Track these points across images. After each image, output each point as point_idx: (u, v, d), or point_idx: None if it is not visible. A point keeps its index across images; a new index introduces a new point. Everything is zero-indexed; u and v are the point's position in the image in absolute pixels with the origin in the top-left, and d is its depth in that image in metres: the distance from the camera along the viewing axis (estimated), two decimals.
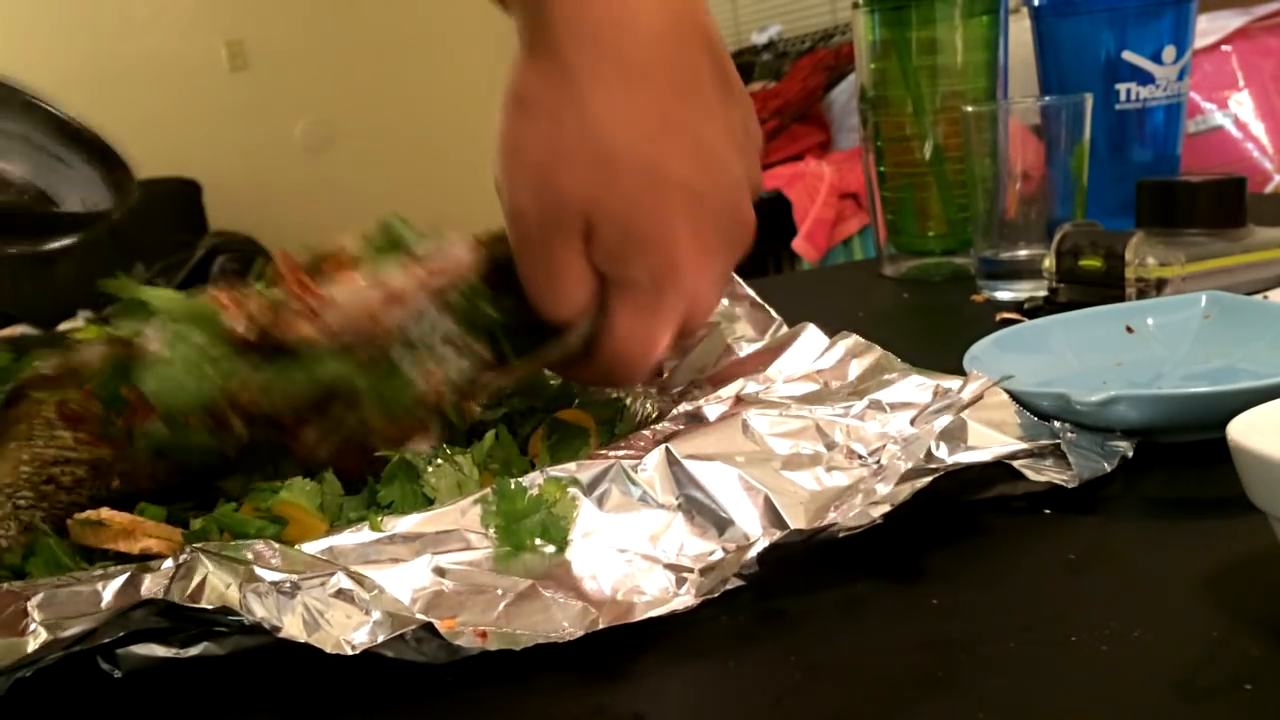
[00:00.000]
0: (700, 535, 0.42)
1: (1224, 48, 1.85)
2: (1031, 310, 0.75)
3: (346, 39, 4.39)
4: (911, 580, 0.41)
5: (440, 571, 0.40)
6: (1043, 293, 0.78)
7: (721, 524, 0.42)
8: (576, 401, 0.56)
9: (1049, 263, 0.76)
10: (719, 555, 0.41)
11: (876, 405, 0.49)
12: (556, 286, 0.49)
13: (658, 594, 0.39)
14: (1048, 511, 0.45)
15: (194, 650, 0.38)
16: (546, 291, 0.49)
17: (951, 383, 0.51)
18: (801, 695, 0.35)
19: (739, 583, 0.40)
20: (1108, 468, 0.47)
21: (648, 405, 0.57)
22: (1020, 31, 0.92)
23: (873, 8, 0.91)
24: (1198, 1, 0.89)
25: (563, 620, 0.38)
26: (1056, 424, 0.49)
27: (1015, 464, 0.46)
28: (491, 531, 0.42)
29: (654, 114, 0.47)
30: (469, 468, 0.47)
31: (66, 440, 0.47)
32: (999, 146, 0.81)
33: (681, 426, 0.50)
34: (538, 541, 0.42)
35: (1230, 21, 1.85)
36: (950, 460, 0.45)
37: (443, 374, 0.49)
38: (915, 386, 0.50)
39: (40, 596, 0.36)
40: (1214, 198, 0.74)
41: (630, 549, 0.42)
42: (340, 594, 0.37)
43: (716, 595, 0.39)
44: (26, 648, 0.35)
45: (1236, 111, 1.83)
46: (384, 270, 0.49)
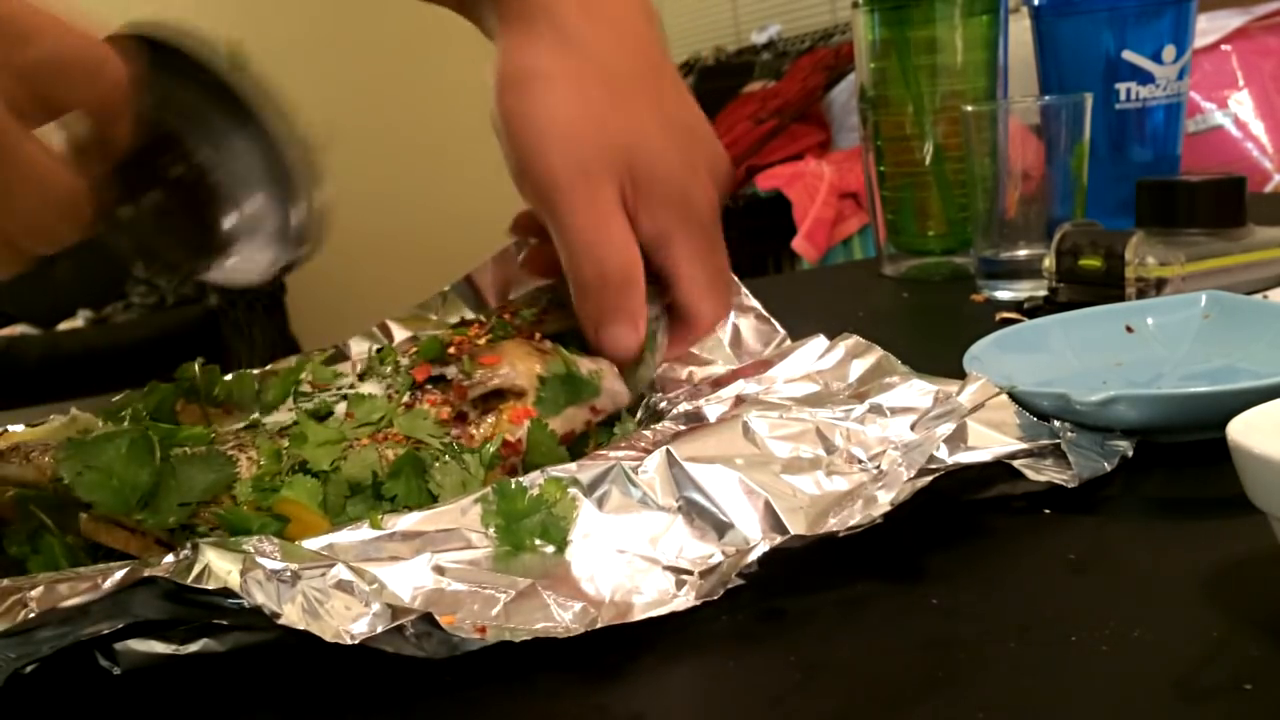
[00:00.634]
0: (700, 538, 0.42)
1: (1224, 47, 1.85)
2: (1031, 310, 0.75)
3: (346, 39, 4.39)
4: (911, 580, 0.41)
5: (440, 570, 0.40)
6: (1043, 292, 0.78)
7: (721, 527, 0.42)
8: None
9: (1049, 262, 0.76)
10: (718, 559, 0.41)
11: (877, 409, 0.49)
12: (613, 240, 0.50)
13: (657, 595, 0.39)
14: (1048, 511, 0.45)
15: (193, 647, 0.38)
16: (607, 250, 0.50)
17: (952, 386, 0.51)
18: (801, 695, 0.35)
19: (739, 582, 0.40)
20: (1108, 467, 0.47)
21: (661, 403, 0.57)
22: (1020, 31, 0.92)
23: (873, 7, 0.91)
24: (1197, 1, 0.89)
25: (562, 619, 0.38)
26: (1056, 424, 0.49)
27: (1015, 464, 0.46)
28: (491, 531, 0.42)
29: (649, 63, 0.50)
30: (475, 467, 0.47)
31: None
32: (999, 146, 0.81)
33: (682, 427, 0.50)
34: (537, 542, 0.42)
35: (1230, 21, 1.85)
36: (950, 460, 0.45)
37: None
38: (918, 392, 0.50)
39: (40, 590, 0.36)
40: (1214, 197, 0.74)
41: (630, 550, 0.42)
42: (340, 585, 0.37)
43: (716, 597, 0.39)
44: (17, 617, 0.35)
45: (1236, 111, 1.83)
46: (561, 417, 0.51)
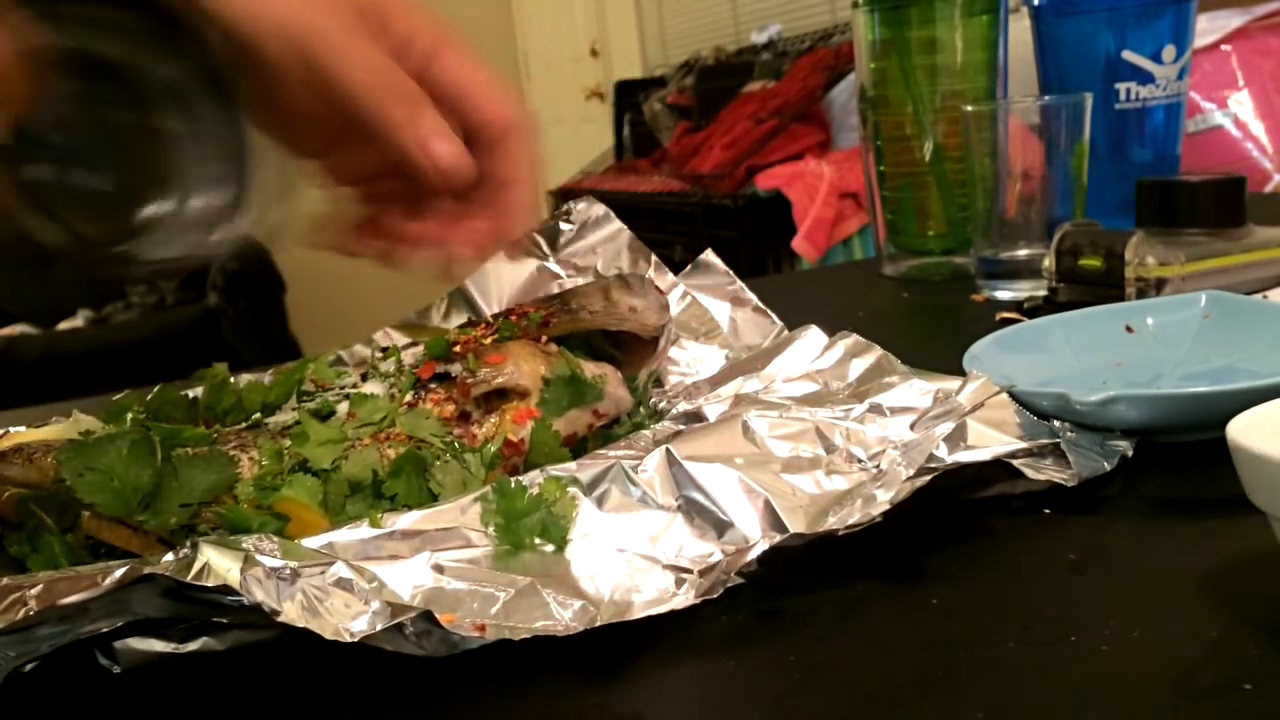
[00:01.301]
0: (700, 537, 0.42)
1: (1224, 47, 1.85)
2: (1031, 310, 0.75)
3: None
4: (911, 580, 0.41)
5: (439, 569, 0.40)
6: (1042, 292, 0.78)
7: (721, 526, 0.42)
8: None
9: (1049, 262, 0.76)
10: (718, 557, 0.41)
11: (876, 409, 0.49)
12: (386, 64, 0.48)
13: (657, 594, 0.39)
14: (1047, 511, 0.45)
15: (193, 645, 0.38)
16: (384, 66, 0.48)
17: (951, 384, 0.51)
18: (801, 695, 0.35)
19: (739, 581, 0.40)
20: (1107, 467, 0.47)
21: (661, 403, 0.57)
22: (1020, 31, 0.92)
23: (872, 7, 0.91)
24: (1197, 1, 0.89)
25: (562, 617, 0.38)
26: (1056, 423, 0.49)
27: (1015, 463, 0.46)
28: (491, 530, 0.42)
29: None
30: (476, 466, 0.47)
31: None
32: (999, 146, 0.81)
33: (681, 427, 0.50)
34: (537, 541, 0.42)
35: (1230, 21, 1.85)
36: (950, 459, 0.45)
37: None
38: (917, 392, 0.50)
39: (40, 589, 0.36)
40: (1214, 197, 0.74)
41: (629, 549, 0.42)
42: (340, 583, 0.37)
43: (716, 595, 0.39)
44: (17, 615, 0.35)
45: (1236, 111, 1.83)
46: (563, 419, 0.51)
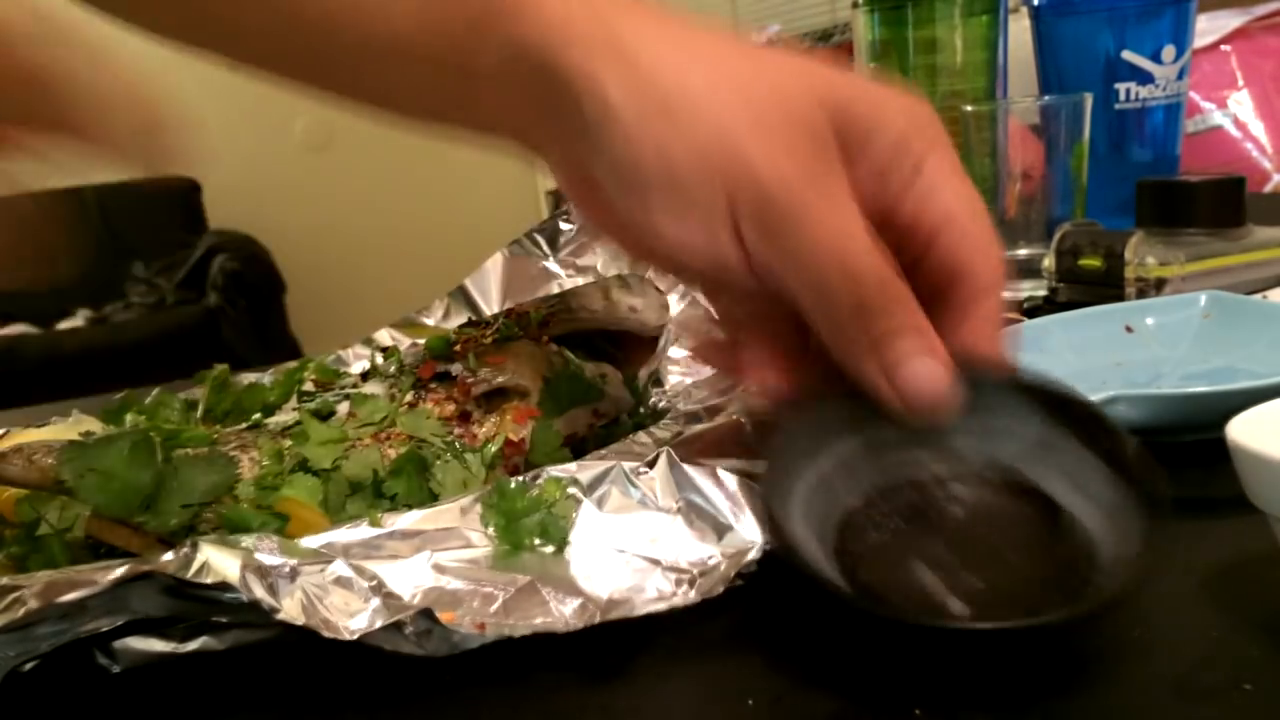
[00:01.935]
0: (700, 539, 0.42)
1: (1223, 47, 1.85)
2: (1031, 310, 0.75)
3: None
4: None
5: (439, 568, 0.40)
6: (1042, 292, 0.78)
7: (721, 529, 0.42)
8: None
9: (1049, 262, 0.76)
10: (718, 559, 0.41)
11: None
12: (857, 236, 0.38)
13: (656, 594, 0.39)
14: None
15: (192, 645, 0.38)
16: (854, 254, 0.38)
17: None
18: (801, 695, 0.35)
19: (739, 582, 0.40)
20: None
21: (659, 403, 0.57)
22: (1020, 31, 0.92)
23: (872, 7, 0.91)
24: (1197, 1, 0.89)
25: (561, 614, 0.38)
26: None
27: None
28: (491, 530, 0.42)
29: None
30: (476, 466, 0.47)
31: None
32: (999, 146, 0.81)
33: (682, 427, 0.50)
34: (537, 541, 0.42)
35: (1230, 21, 1.85)
36: None
37: None
38: None
39: (39, 588, 0.36)
40: (1213, 197, 0.74)
41: (629, 550, 0.42)
42: (339, 581, 0.37)
43: (716, 594, 0.39)
44: (17, 614, 0.35)
45: (1236, 111, 1.83)
46: (564, 418, 0.51)
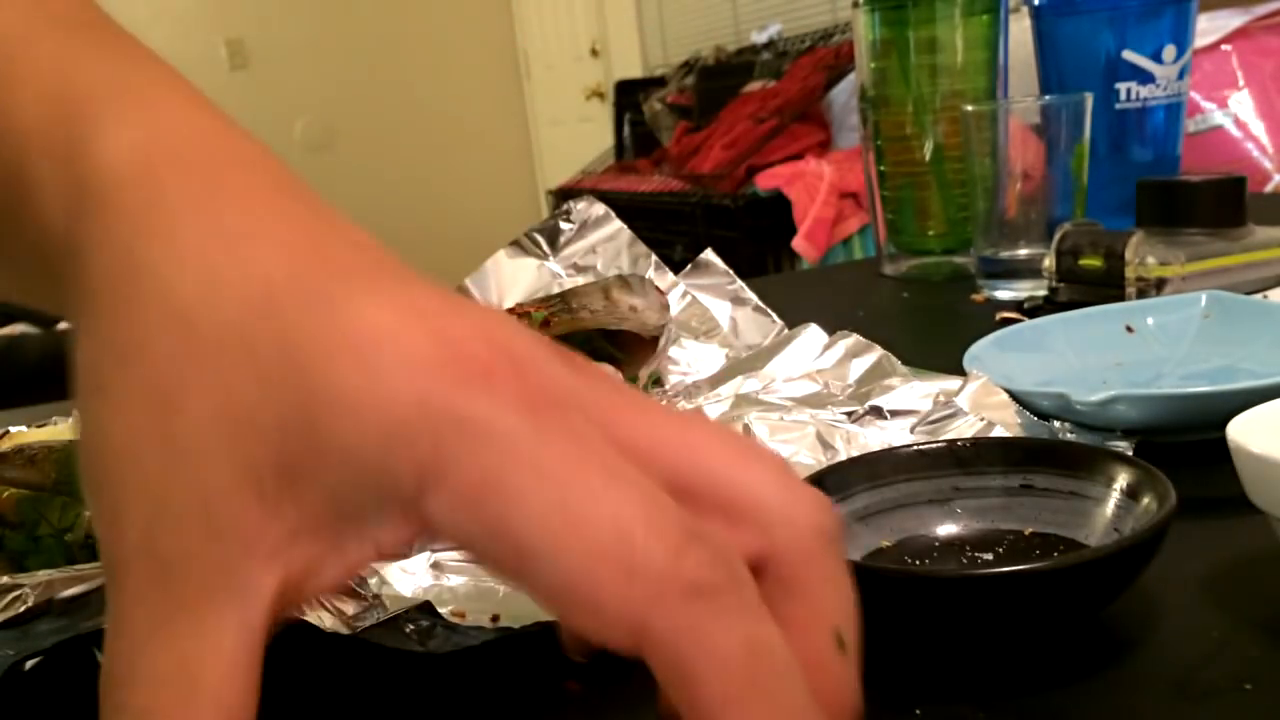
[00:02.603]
0: None
1: (1224, 47, 1.85)
2: (1031, 310, 0.75)
3: (346, 38, 4.39)
4: None
5: (438, 567, 0.40)
6: (1043, 292, 0.78)
7: None
8: None
9: (1049, 262, 0.76)
10: None
11: (877, 411, 0.49)
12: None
13: None
14: None
15: None
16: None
17: (952, 384, 0.51)
18: None
19: None
20: None
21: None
22: (1020, 31, 0.92)
23: (873, 7, 0.91)
24: (1197, 1, 0.89)
25: None
26: (1056, 424, 0.49)
27: None
28: None
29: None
30: None
31: None
32: (999, 146, 0.81)
33: None
34: None
35: (1230, 21, 1.85)
36: None
37: None
38: (918, 395, 0.50)
39: (40, 586, 0.35)
40: (1214, 197, 0.74)
41: None
42: None
43: None
44: (19, 609, 0.35)
45: (1236, 111, 1.83)
46: None
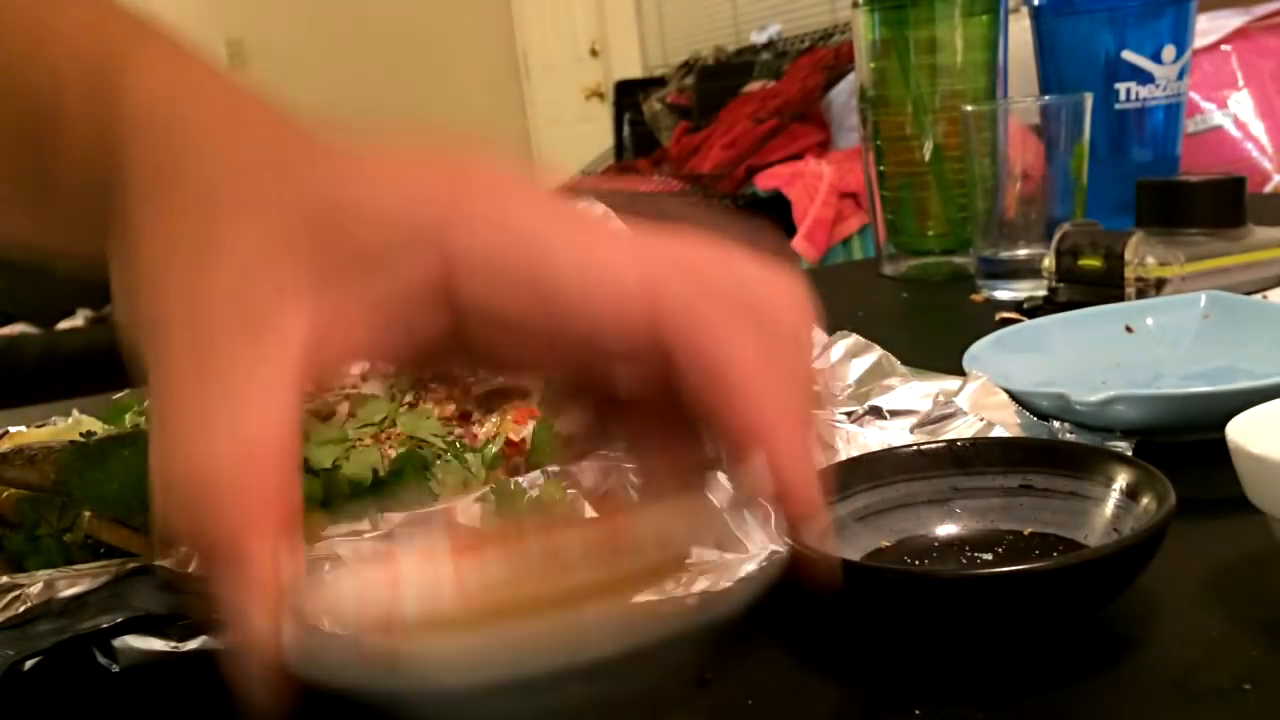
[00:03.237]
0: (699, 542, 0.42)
1: (1224, 47, 1.85)
2: (1031, 310, 0.75)
3: (346, 39, 4.39)
4: None
5: None
6: (1042, 292, 0.78)
7: (720, 533, 0.42)
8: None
9: (1049, 262, 0.76)
10: (718, 561, 0.41)
11: (876, 412, 0.49)
12: None
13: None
14: None
15: (192, 644, 0.38)
16: None
17: (951, 384, 0.51)
18: (802, 695, 0.35)
19: (740, 584, 0.40)
20: None
21: None
22: (1020, 31, 0.92)
23: (873, 7, 0.91)
24: (1197, 1, 0.89)
25: None
26: (1056, 424, 0.49)
27: None
28: None
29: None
30: (477, 466, 0.47)
31: None
32: (999, 146, 0.81)
33: None
34: None
35: (1230, 21, 1.85)
36: None
37: None
38: (917, 395, 0.50)
39: (39, 586, 0.35)
40: (1213, 197, 0.74)
41: None
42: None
43: (715, 591, 0.39)
44: (18, 609, 0.35)
45: (1236, 111, 1.83)
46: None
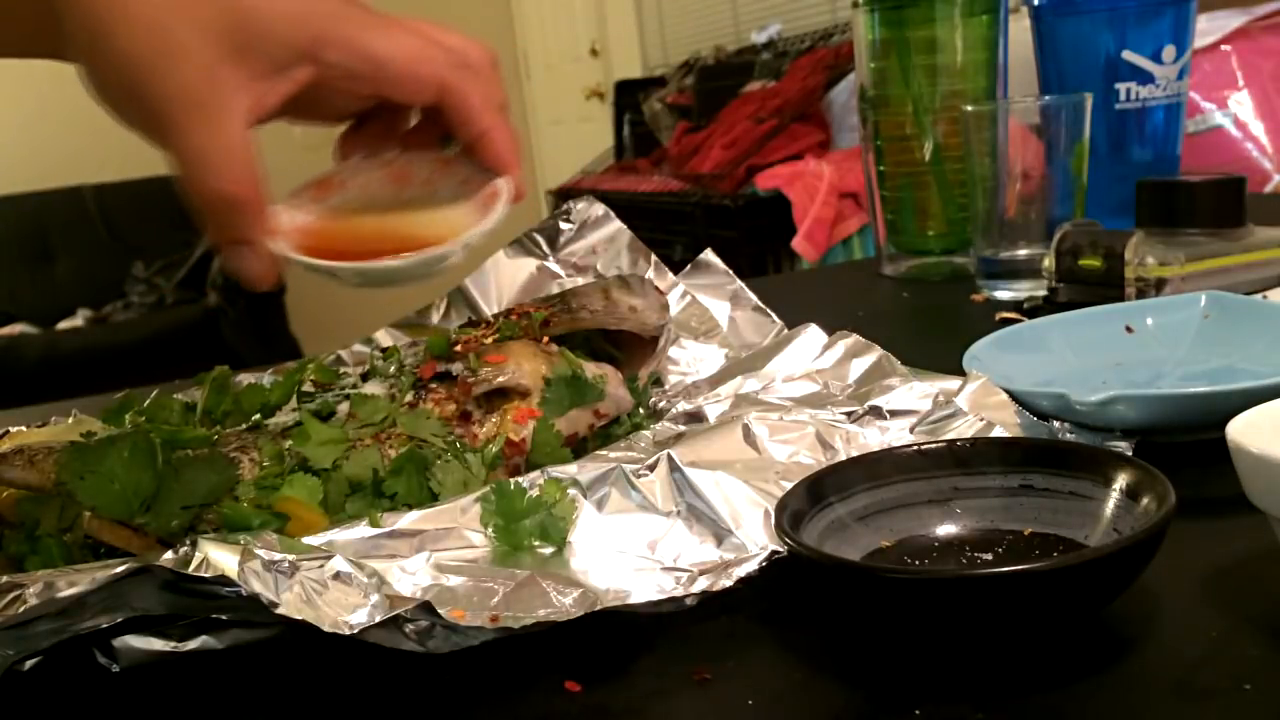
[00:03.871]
0: (699, 543, 0.42)
1: (1224, 47, 1.85)
2: (1031, 310, 0.75)
3: None
4: None
5: (439, 568, 0.40)
6: (1042, 292, 0.78)
7: (720, 534, 0.42)
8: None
9: (1049, 262, 0.76)
10: (718, 562, 0.41)
11: (876, 411, 0.49)
12: (218, 158, 0.46)
13: (657, 591, 0.39)
14: None
15: (192, 644, 0.38)
16: (211, 171, 0.46)
17: (951, 384, 0.51)
18: (802, 696, 0.35)
19: (740, 585, 0.40)
20: None
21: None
22: (1020, 31, 0.92)
23: (873, 7, 0.91)
24: (1197, 1, 0.89)
25: (562, 604, 0.37)
26: (1056, 424, 0.49)
27: None
28: (490, 531, 0.42)
29: None
30: (477, 466, 0.47)
31: None
32: (999, 146, 0.81)
33: (682, 428, 0.50)
34: (535, 543, 0.42)
35: (1230, 21, 1.85)
36: None
37: None
38: (917, 395, 0.50)
39: (38, 586, 0.35)
40: (1214, 197, 0.74)
41: (630, 551, 0.42)
42: (339, 576, 0.37)
43: (715, 590, 0.39)
44: (17, 610, 0.35)
45: (1236, 111, 1.83)
46: (565, 418, 0.51)
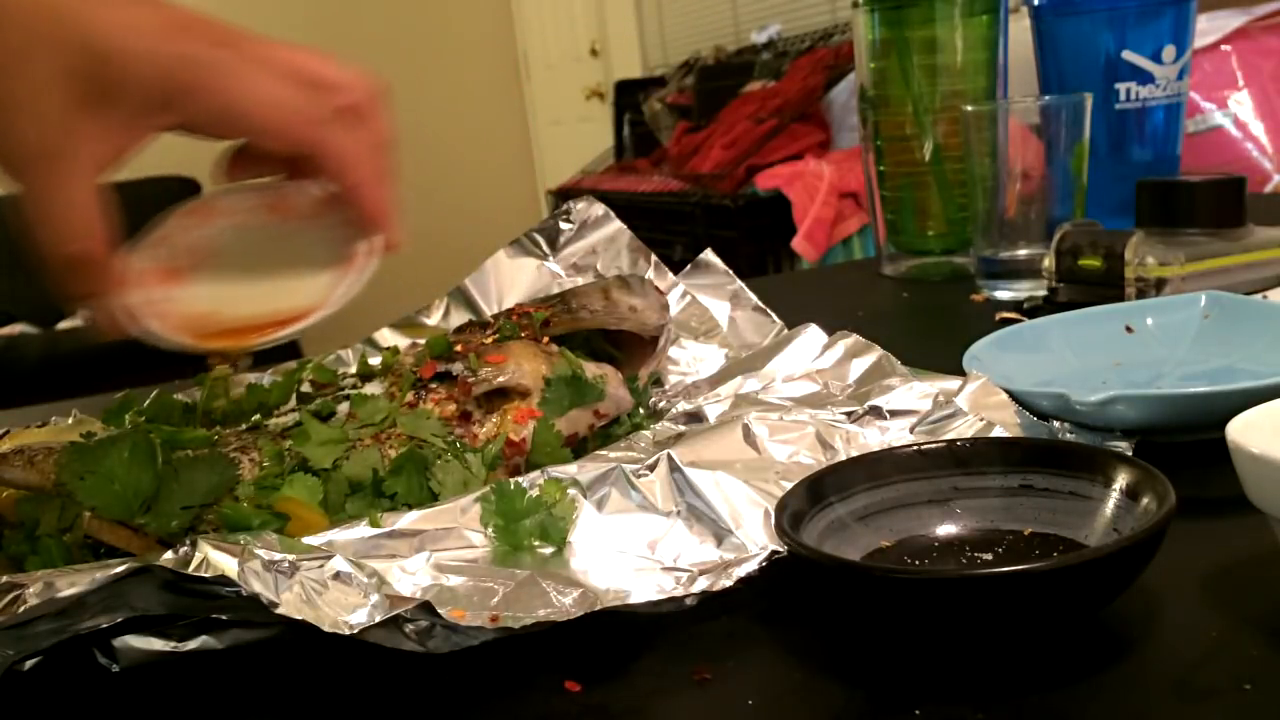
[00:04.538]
0: (699, 544, 0.42)
1: (1224, 47, 1.85)
2: (1031, 310, 0.75)
3: (346, 38, 4.39)
4: None
5: (439, 568, 0.40)
6: (1042, 292, 0.78)
7: (720, 534, 0.42)
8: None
9: (1049, 262, 0.76)
10: (718, 562, 0.41)
11: (876, 411, 0.49)
12: (60, 216, 0.42)
13: (657, 590, 0.39)
14: None
15: (192, 644, 0.38)
16: (54, 229, 0.42)
17: (951, 384, 0.51)
18: (802, 696, 0.35)
19: (740, 585, 0.40)
20: None
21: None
22: (1020, 31, 0.92)
23: (873, 7, 0.91)
24: (1197, 1, 0.89)
25: (562, 603, 0.37)
26: (1056, 424, 0.49)
27: None
28: (490, 531, 0.42)
29: None
30: (477, 466, 0.47)
31: None
32: (999, 146, 0.81)
33: (682, 428, 0.50)
34: (535, 543, 0.42)
35: (1230, 21, 1.85)
36: None
37: None
38: (917, 395, 0.50)
39: (38, 586, 0.35)
40: (1214, 197, 0.74)
41: (629, 551, 0.42)
42: (339, 576, 0.37)
43: (715, 590, 0.39)
44: (19, 609, 0.35)
45: (1236, 111, 1.83)
46: (565, 419, 0.50)
